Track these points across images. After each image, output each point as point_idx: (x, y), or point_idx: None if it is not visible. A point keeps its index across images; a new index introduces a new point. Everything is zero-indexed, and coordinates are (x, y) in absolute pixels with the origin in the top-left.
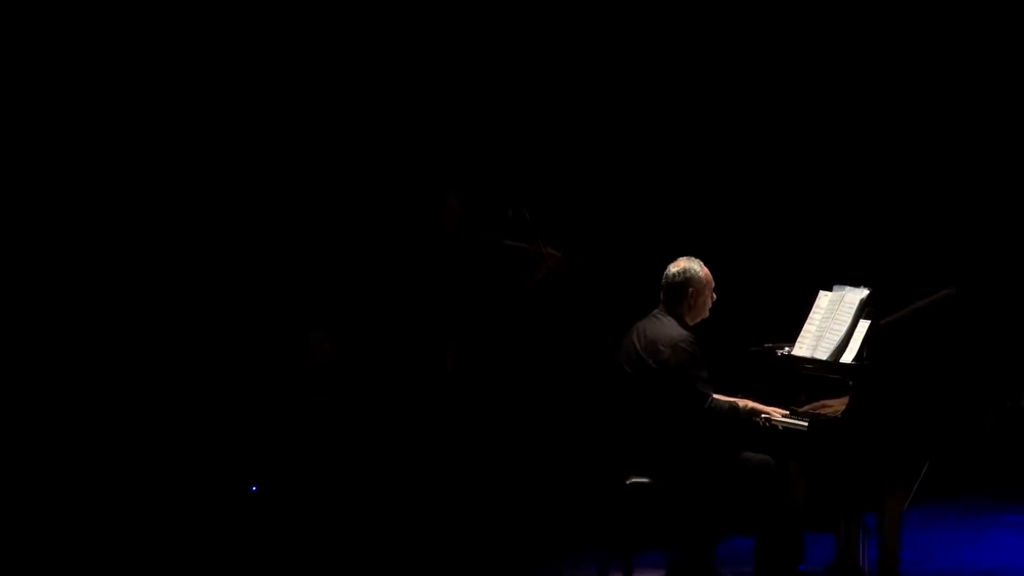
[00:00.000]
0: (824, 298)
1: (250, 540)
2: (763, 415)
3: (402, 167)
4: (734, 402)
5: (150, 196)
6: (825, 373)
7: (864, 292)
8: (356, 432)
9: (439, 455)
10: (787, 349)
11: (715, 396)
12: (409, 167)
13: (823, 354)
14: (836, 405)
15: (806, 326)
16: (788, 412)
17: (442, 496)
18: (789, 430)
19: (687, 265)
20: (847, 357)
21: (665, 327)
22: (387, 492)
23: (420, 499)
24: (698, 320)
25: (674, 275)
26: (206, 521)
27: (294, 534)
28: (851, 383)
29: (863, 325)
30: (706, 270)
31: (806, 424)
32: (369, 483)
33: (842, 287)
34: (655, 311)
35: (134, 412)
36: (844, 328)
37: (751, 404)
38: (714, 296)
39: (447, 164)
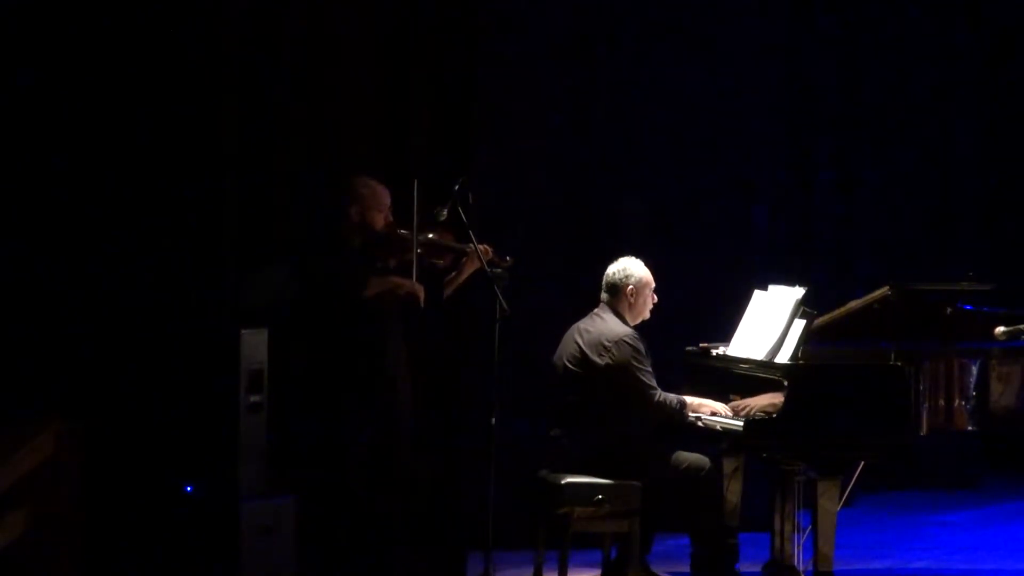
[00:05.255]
0: (760, 298)
1: (186, 540)
2: (698, 414)
3: (330, 162)
4: (682, 398)
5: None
6: (760, 372)
7: (800, 292)
8: (293, 431)
9: (376, 451)
10: (723, 349)
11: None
12: (338, 162)
13: (759, 353)
14: (766, 402)
15: (742, 325)
16: (731, 409)
17: (377, 492)
18: (726, 430)
19: (627, 264)
20: (782, 357)
21: (609, 324)
22: (324, 488)
23: (356, 494)
24: (639, 321)
25: (614, 274)
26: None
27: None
28: (786, 383)
29: (798, 324)
30: (646, 270)
31: (742, 424)
32: (306, 480)
33: (778, 287)
34: (596, 310)
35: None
36: (780, 328)
37: (697, 400)
38: (655, 297)
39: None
